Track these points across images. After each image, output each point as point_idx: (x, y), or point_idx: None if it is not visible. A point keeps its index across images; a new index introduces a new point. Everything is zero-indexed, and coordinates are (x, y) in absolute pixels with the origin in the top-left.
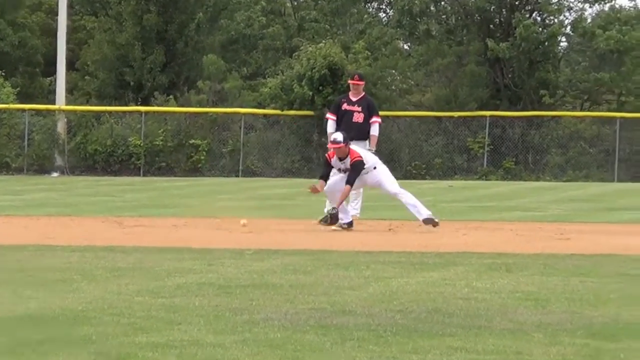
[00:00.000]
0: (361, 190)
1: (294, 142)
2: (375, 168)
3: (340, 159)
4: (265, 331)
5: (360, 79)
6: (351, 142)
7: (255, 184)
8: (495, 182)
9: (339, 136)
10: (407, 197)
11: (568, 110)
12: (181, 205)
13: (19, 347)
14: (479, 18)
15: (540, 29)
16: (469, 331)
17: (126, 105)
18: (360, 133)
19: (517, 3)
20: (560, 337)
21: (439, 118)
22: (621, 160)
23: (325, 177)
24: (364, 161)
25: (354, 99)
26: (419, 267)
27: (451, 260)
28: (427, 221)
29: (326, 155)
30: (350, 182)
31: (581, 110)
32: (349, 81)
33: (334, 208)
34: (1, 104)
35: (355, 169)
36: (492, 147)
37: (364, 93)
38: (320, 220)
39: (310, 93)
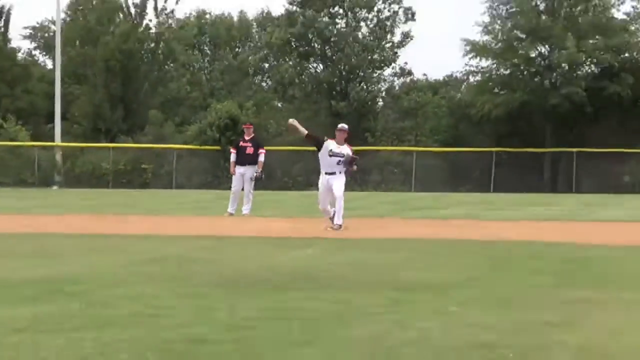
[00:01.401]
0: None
1: (207, 167)
2: (341, 172)
3: (339, 144)
4: (198, 289)
5: (250, 125)
6: (246, 166)
7: (183, 194)
8: None
9: (345, 125)
10: (340, 203)
11: (384, 146)
12: (135, 206)
13: (36, 298)
14: (326, 86)
15: (366, 94)
16: (318, 287)
17: (100, 143)
18: (252, 160)
19: (351, 77)
20: (377, 290)
21: (300, 151)
22: (417, 178)
23: (310, 133)
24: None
25: (247, 138)
26: (279, 247)
27: (311, 242)
28: (338, 227)
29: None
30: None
31: (391, 146)
32: (244, 126)
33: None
34: (20, 142)
35: (351, 162)
36: None
37: (253, 134)
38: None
39: (218, 135)
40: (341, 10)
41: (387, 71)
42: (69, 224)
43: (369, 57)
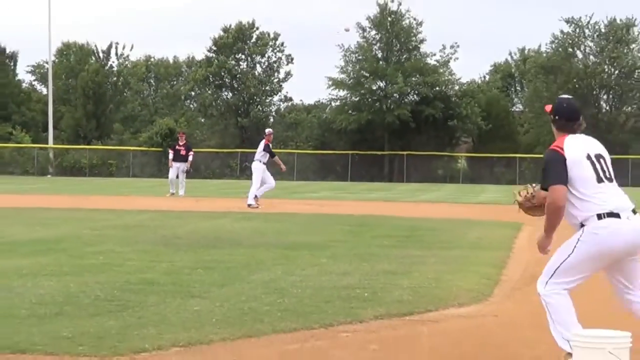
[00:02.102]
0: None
1: (154, 162)
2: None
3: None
4: (148, 247)
5: (183, 134)
6: (179, 162)
7: (137, 181)
8: (243, 181)
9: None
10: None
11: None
12: (104, 190)
13: (35, 253)
14: (234, 108)
15: (261, 113)
16: (231, 246)
17: (80, 145)
18: (184, 158)
19: (251, 101)
20: (272, 248)
21: (217, 152)
22: (297, 171)
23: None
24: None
25: (181, 143)
26: (204, 218)
27: (225, 214)
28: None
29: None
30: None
31: (280, 149)
32: (178, 134)
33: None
34: (25, 144)
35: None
36: (240, 165)
37: (185, 140)
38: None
39: (161, 140)
40: (243, 56)
41: (276, 98)
42: (56, 202)
43: (263, 89)
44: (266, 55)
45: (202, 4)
